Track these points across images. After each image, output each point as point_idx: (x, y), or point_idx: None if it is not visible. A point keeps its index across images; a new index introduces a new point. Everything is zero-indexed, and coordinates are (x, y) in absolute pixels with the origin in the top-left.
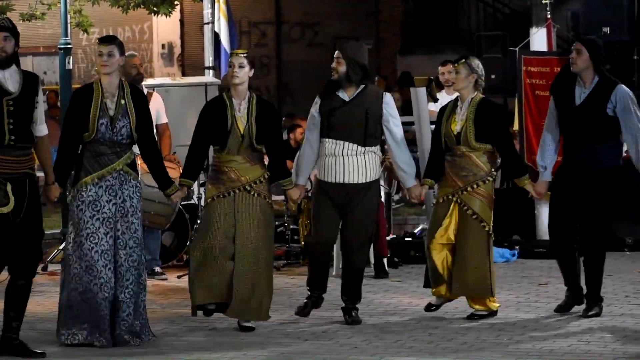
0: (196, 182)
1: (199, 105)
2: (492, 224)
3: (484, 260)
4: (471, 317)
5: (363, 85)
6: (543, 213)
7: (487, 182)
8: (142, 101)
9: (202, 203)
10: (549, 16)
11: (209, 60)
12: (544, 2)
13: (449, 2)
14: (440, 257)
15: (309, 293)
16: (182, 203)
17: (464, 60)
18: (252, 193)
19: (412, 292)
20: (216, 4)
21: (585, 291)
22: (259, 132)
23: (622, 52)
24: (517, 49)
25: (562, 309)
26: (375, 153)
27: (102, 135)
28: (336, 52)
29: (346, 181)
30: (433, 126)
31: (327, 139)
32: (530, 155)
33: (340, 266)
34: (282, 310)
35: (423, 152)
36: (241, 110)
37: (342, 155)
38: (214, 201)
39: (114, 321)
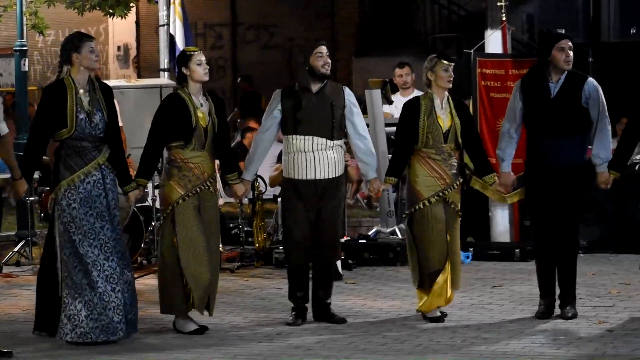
0: (151, 184)
1: (154, 108)
2: None
3: (460, 255)
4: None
5: (326, 80)
6: (497, 215)
7: (461, 178)
8: (110, 95)
9: (158, 204)
10: (504, 18)
11: (164, 62)
12: (499, 4)
13: (405, 5)
14: (443, 258)
15: (293, 305)
16: (137, 205)
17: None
18: (211, 189)
19: (366, 294)
20: (171, 6)
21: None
22: (220, 124)
23: (578, 54)
24: (472, 51)
25: (543, 315)
26: (341, 147)
27: (82, 130)
28: (323, 46)
29: (317, 177)
30: (388, 128)
31: (294, 136)
32: None
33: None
34: (236, 312)
35: (378, 154)
36: (202, 105)
37: (312, 150)
38: (185, 202)
39: (124, 312)
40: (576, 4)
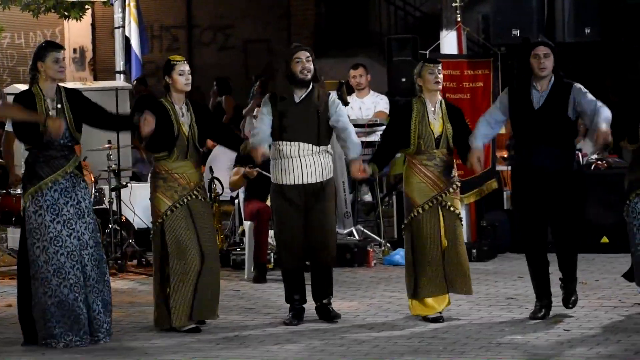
0: (107, 186)
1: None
2: None
3: (467, 259)
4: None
5: (312, 85)
6: None
7: (460, 182)
8: (77, 100)
9: (115, 207)
10: (459, 19)
11: (119, 64)
12: (453, 5)
13: (361, 6)
14: (438, 262)
15: (290, 306)
16: (94, 207)
17: (440, 63)
18: (199, 198)
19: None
20: (127, 9)
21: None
22: (200, 134)
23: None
24: (427, 52)
25: (538, 317)
26: (328, 152)
27: (51, 138)
28: (303, 52)
29: (305, 182)
30: None
31: (280, 142)
32: None
33: (252, 269)
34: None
35: (335, 156)
36: (184, 115)
37: (299, 156)
38: (174, 213)
39: (87, 322)
40: (531, 5)
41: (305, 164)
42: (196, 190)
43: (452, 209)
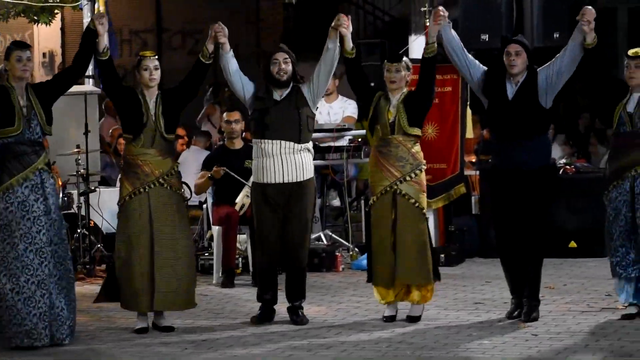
0: (76, 191)
1: (79, 114)
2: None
3: (426, 247)
4: (408, 320)
5: (292, 85)
6: None
7: (422, 170)
8: (42, 90)
9: (84, 212)
10: (428, 24)
11: (89, 69)
12: (422, 10)
13: (330, 10)
14: (389, 253)
15: (261, 305)
16: (63, 212)
17: (403, 59)
18: (165, 186)
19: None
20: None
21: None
22: (167, 122)
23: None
24: None
25: (513, 316)
26: (309, 150)
27: (23, 133)
28: (281, 53)
29: (285, 180)
30: (317, 134)
31: (262, 140)
32: None
33: (220, 274)
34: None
35: None
36: (151, 107)
37: (280, 154)
38: (131, 200)
39: (50, 319)
40: (499, 9)
41: (287, 163)
42: (162, 178)
43: (406, 197)
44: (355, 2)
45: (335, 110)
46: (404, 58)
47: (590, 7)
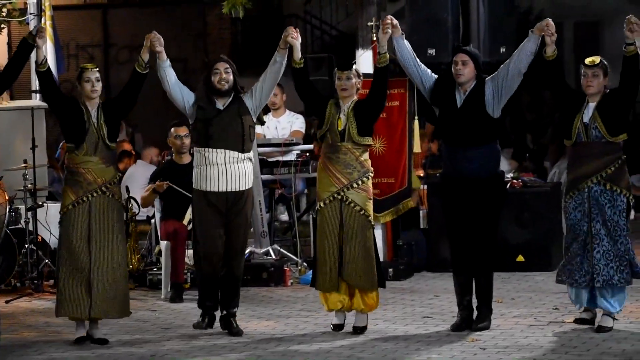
0: (23, 206)
1: (26, 129)
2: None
3: (372, 254)
4: (359, 331)
5: (233, 94)
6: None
7: (369, 178)
8: None
9: (31, 227)
10: (375, 38)
11: (36, 83)
12: (369, 24)
13: (277, 25)
14: (334, 259)
15: (202, 311)
16: (10, 227)
17: (353, 67)
18: (107, 194)
19: (240, 314)
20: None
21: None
22: (110, 131)
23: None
24: None
25: (458, 328)
26: (250, 160)
27: None
28: (222, 63)
29: (228, 189)
30: (260, 149)
31: (206, 149)
32: None
33: (169, 289)
34: (109, 334)
35: (257, 172)
36: (93, 116)
37: (224, 163)
38: (74, 209)
39: None
40: (446, 24)
41: (230, 172)
42: (105, 187)
43: (352, 204)
44: (303, 17)
45: (283, 124)
46: (354, 66)
47: (550, 19)
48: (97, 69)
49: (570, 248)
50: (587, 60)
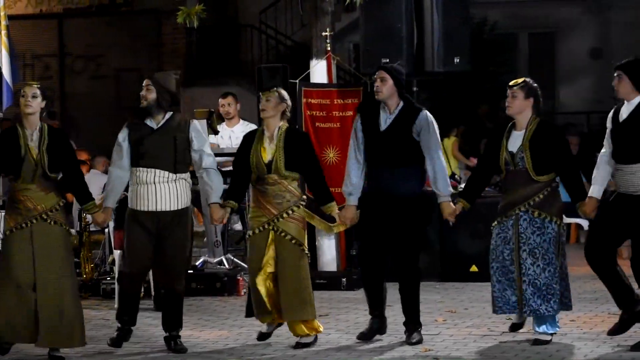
0: None
1: None
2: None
3: (306, 284)
4: (297, 346)
5: (171, 113)
6: (324, 244)
7: (300, 206)
8: None
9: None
10: (329, 48)
11: None
12: (323, 34)
13: (232, 35)
14: (265, 287)
15: (119, 326)
16: None
17: (275, 89)
18: (49, 221)
19: (193, 324)
20: None
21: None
22: (51, 160)
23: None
24: (297, 81)
25: (365, 337)
26: (185, 180)
27: None
28: (146, 80)
29: (158, 209)
30: (218, 158)
31: (137, 168)
32: None
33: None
34: None
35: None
36: (34, 140)
37: (154, 182)
38: (12, 234)
39: None
40: (400, 34)
41: (160, 191)
42: (45, 214)
43: (282, 234)
44: (258, 27)
45: (236, 134)
46: (279, 90)
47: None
48: (38, 86)
49: (493, 273)
50: (511, 82)
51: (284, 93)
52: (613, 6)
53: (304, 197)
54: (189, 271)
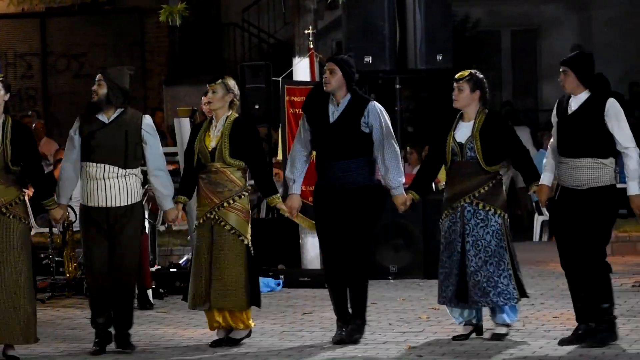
0: None
1: None
2: (250, 237)
3: (243, 275)
4: (231, 343)
5: (122, 108)
6: (307, 242)
7: (242, 197)
8: None
9: None
10: (312, 46)
11: None
12: (306, 32)
13: (215, 33)
14: (205, 279)
15: (96, 332)
16: None
17: (220, 80)
18: (8, 215)
19: (177, 322)
20: None
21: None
22: (14, 154)
23: (385, 81)
24: (280, 78)
25: (341, 341)
26: (136, 175)
27: None
28: (98, 74)
29: (109, 204)
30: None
31: (88, 163)
32: None
33: None
34: (47, 342)
35: None
36: None
37: (104, 178)
38: None
39: None
40: (383, 32)
41: (109, 187)
42: (4, 207)
43: (222, 223)
44: (241, 25)
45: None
46: (224, 80)
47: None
48: (2, 78)
49: (444, 267)
50: (457, 75)
51: (231, 83)
52: (595, 3)
53: (248, 187)
54: (172, 270)
